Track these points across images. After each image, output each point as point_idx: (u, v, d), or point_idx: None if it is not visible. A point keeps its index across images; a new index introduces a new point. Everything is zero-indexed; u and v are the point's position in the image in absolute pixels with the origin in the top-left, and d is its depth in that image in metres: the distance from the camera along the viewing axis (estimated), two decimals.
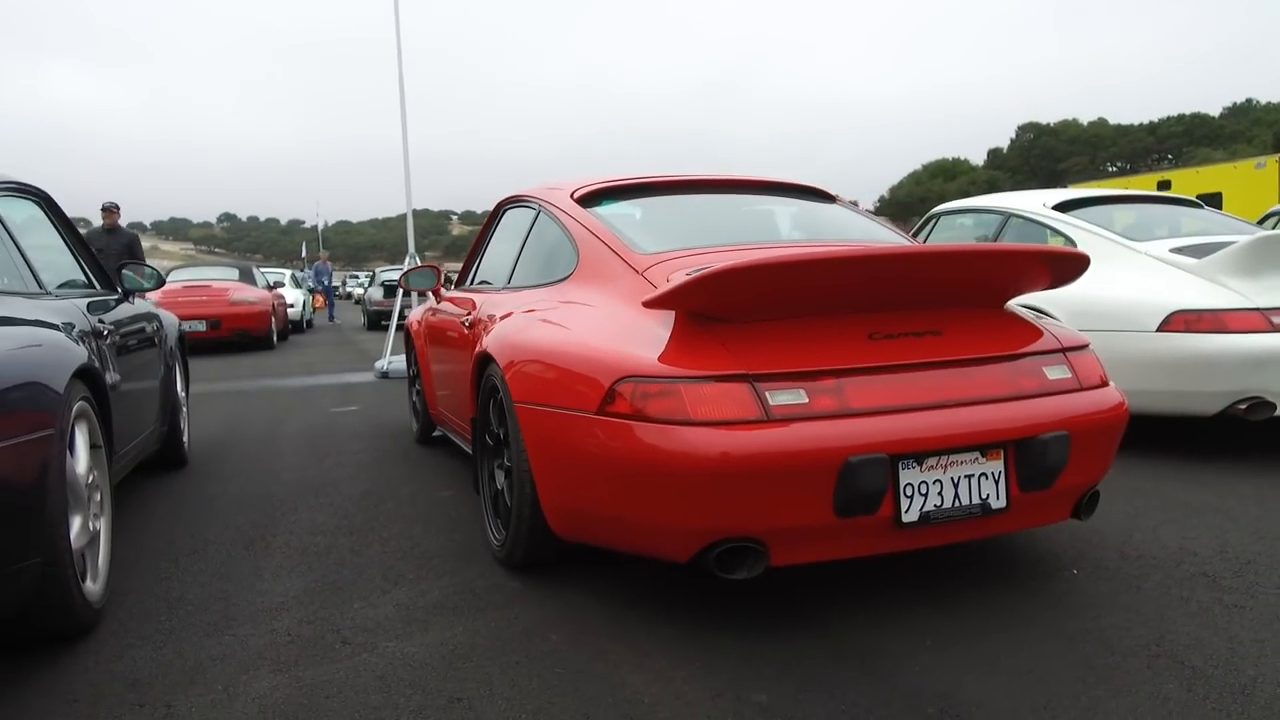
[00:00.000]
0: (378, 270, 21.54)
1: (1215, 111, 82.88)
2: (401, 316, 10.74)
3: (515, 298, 3.15)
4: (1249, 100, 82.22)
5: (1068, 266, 2.48)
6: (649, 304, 2.25)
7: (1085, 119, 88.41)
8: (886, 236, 3.15)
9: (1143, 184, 20.08)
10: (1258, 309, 3.75)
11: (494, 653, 2.17)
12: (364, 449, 4.94)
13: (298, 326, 18.04)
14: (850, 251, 2.23)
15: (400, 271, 21.19)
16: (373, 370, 9.20)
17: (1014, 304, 2.64)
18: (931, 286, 2.37)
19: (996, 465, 2.22)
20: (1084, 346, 2.54)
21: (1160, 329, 3.88)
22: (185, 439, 4.63)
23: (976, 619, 2.27)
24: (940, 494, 2.16)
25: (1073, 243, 4.57)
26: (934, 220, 5.80)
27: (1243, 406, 3.72)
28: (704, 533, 2.10)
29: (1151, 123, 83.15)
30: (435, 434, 4.85)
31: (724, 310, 2.24)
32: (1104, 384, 2.48)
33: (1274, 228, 7.06)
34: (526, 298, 3.04)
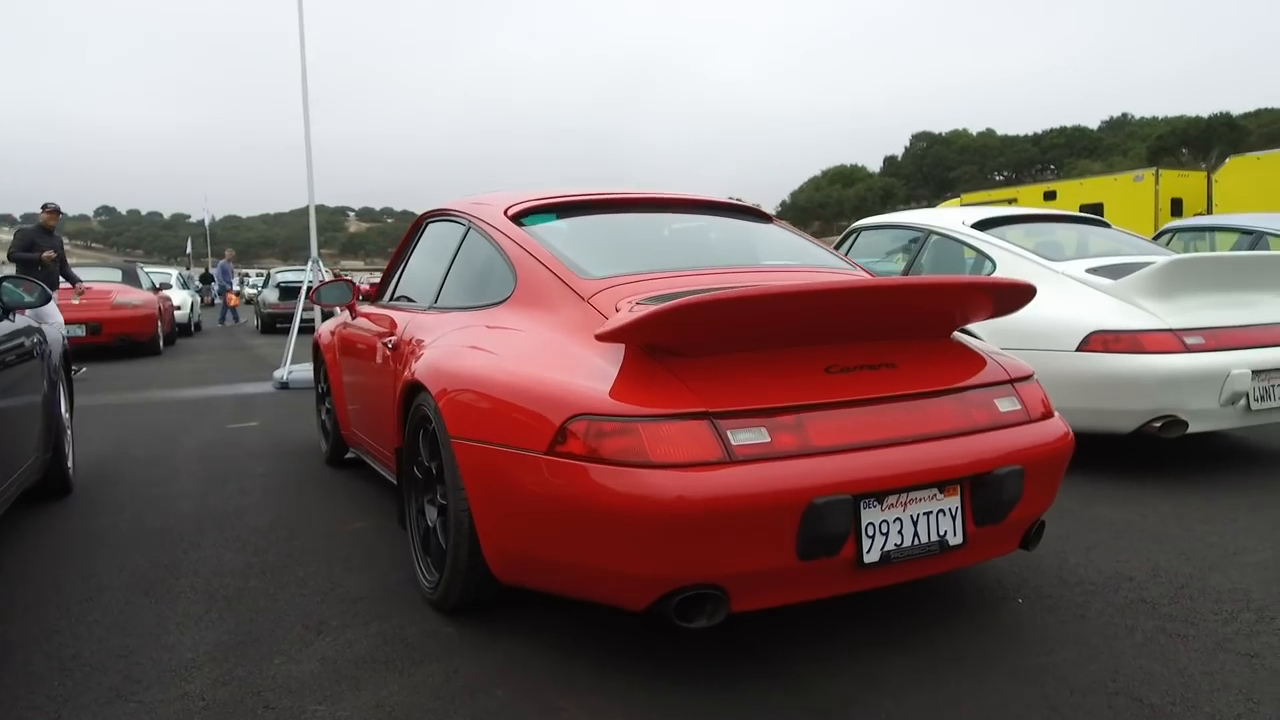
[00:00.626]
0: (273, 270, 20.68)
1: (1094, 125, 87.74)
2: (305, 322, 10.32)
3: (444, 320, 2.98)
4: (1124, 115, 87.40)
5: (1015, 297, 2.47)
6: (603, 337, 2.13)
7: (974, 129, 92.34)
8: (828, 260, 3.10)
9: (1030, 194, 21.07)
10: (1171, 330, 3.87)
11: (436, 713, 2.01)
12: (269, 472, 4.65)
13: (185, 329, 17.15)
14: (815, 285, 2.16)
15: (299, 272, 20.39)
16: (271, 380, 8.77)
17: None
18: (886, 318, 2.32)
19: (954, 501, 2.18)
20: (1029, 376, 2.54)
21: (1079, 349, 3.97)
22: (70, 464, 4.26)
23: (934, 659, 2.23)
24: (900, 533, 2.11)
25: (992, 261, 4.66)
26: (855, 235, 5.84)
27: (1157, 424, 3.84)
28: (663, 580, 1.99)
29: (1036, 134, 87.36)
30: (348, 456, 4.60)
31: (682, 344, 2.13)
32: (1049, 414, 2.48)
33: (1168, 244, 7.40)
34: (457, 320, 2.87)
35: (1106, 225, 5.40)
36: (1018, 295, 2.46)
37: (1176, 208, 16.13)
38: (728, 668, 2.20)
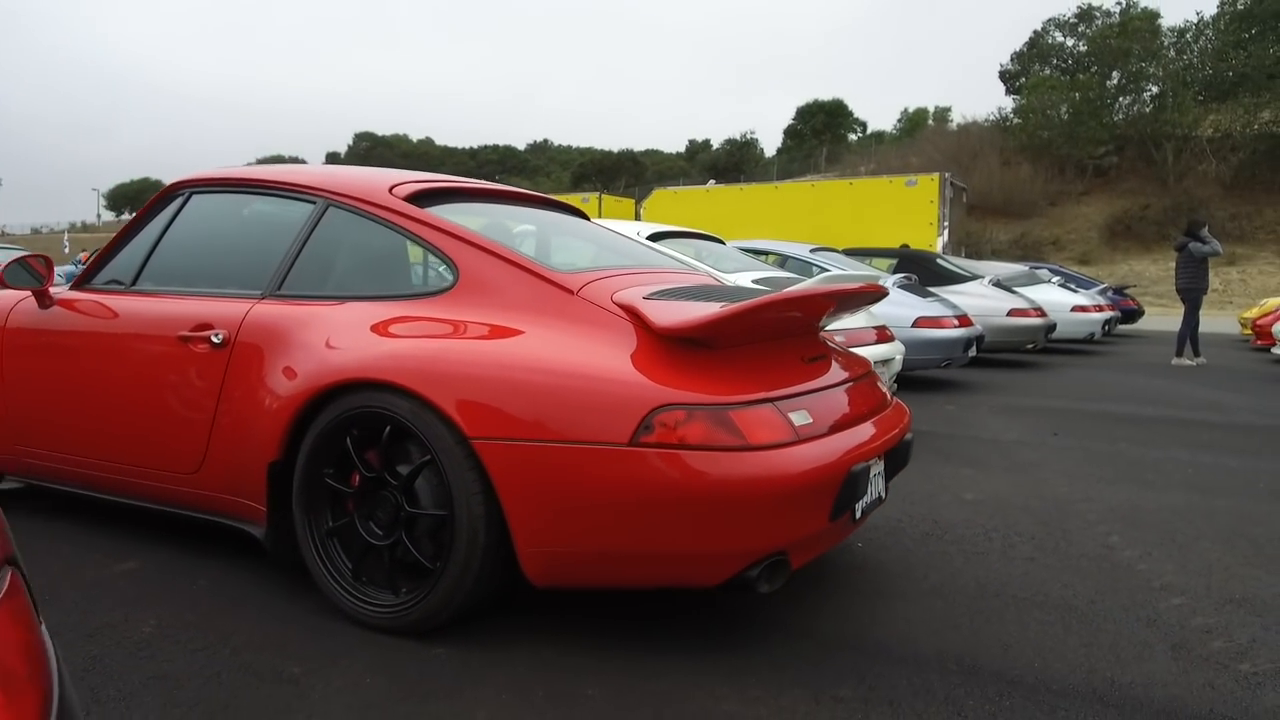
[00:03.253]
0: None
1: (521, 146, 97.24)
2: None
3: (332, 312, 2.58)
4: (546, 140, 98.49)
5: (877, 298, 3.08)
6: (679, 330, 2.20)
7: (415, 137, 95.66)
8: (665, 259, 3.40)
9: None
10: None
11: None
12: None
13: None
14: (839, 287, 2.49)
15: None
16: None
17: None
18: (824, 315, 2.76)
19: (882, 465, 2.71)
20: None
21: None
22: None
23: (864, 600, 2.74)
24: (870, 491, 2.57)
25: None
26: None
27: None
28: (746, 553, 2.17)
29: (473, 149, 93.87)
30: (3, 487, 3.50)
31: (725, 338, 2.30)
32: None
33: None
34: (367, 312, 2.53)
35: (721, 242, 6.49)
36: (879, 297, 3.09)
37: None
38: (746, 630, 2.44)
